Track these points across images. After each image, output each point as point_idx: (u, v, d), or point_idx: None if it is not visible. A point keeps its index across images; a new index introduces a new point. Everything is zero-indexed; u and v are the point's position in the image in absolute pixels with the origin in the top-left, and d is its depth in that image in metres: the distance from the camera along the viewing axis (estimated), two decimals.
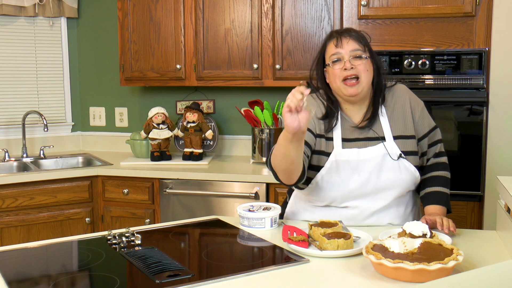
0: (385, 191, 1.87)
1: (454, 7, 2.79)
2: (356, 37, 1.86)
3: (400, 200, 1.92)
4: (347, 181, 1.86)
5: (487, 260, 1.55)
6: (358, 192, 1.87)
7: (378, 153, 1.86)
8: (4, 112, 3.75)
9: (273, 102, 3.48)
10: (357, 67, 1.83)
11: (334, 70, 1.85)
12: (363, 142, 1.89)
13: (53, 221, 3.19)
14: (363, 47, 1.85)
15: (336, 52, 1.85)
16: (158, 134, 3.40)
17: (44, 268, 1.59)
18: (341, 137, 1.89)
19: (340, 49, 1.84)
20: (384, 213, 1.91)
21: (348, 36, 1.86)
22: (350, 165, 1.86)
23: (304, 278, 1.44)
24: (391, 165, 1.86)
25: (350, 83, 1.83)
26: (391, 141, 1.88)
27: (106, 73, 3.96)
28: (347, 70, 1.83)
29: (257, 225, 1.87)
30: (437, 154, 1.99)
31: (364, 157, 1.86)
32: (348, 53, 1.84)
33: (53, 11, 3.77)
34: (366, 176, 1.85)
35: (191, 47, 3.37)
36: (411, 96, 1.97)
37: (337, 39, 1.86)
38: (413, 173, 1.88)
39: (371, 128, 1.90)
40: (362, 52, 1.85)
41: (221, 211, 3.10)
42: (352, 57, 1.83)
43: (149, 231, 1.89)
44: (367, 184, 1.86)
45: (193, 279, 1.41)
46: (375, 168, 1.85)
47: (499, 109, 2.73)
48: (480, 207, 2.80)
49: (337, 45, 1.85)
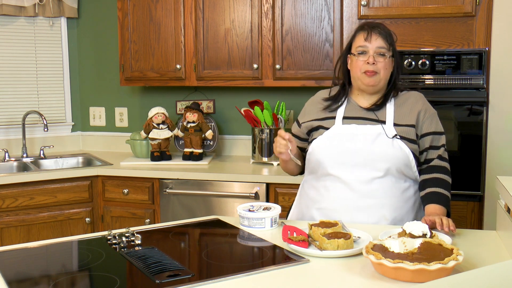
0: (375, 162, 1.94)
1: (454, 7, 2.79)
2: (384, 35, 1.99)
3: (395, 183, 1.95)
4: (339, 147, 1.98)
5: (487, 260, 1.55)
6: (349, 159, 1.95)
7: (374, 131, 1.97)
8: (4, 112, 3.75)
9: (273, 102, 3.48)
10: (378, 64, 1.97)
11: (358, 61, 2.00)
12: (363, 121, 2.00)
13: (53, 221, 3.19)
14: (388, 46, 1.99)
15: (363, 45, 1.99)
16: (158, 134, 3.40)
17: (44, 268, 1.59)
18: (343, 116, 2.03)
19: (368, 43, 1.98)
20: (377, 189, 1.93)
21: (378, 32, 1.99)
22: (345, 137, 1.98)
23: (304, 278, 1.44)
24: (385, 141, 1.95)
25: (369, 74, 1.97)
26: (391, 126, 1.97)
27: (106, 73, 3.96)
28: (369, 64, 1.96)
29: (257, 225, 1.87)
30: (441, 157, 2.01)
31: (360, 132, 1.97)
32: (374, 48, 1.97)
33: (53, 11, 3.77)
34: (358, 145, 1.96)
35: (191, 47, 3.37)
36: (425, 102, 2.07)
37: (368, 33, 1.99)
38: (406, 153, 1.94)
39: (375, 113, 2.01)
40: (386, 51, 1.98)
41: (221, 211, 3.10)
42: (376, 53, 1.97)
43: (149, 231, 1.89)
44: (357, 152, 1.95)
45: (193, 279, 1.41)
46: (368, 141, 1.95)
47: (499, 109, 2.73)
48: (480, 207, 2.80)
49: (366, 38, 1.99)
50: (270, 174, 3.08)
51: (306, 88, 3.24)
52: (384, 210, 1.94)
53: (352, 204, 1.95)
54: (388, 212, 1.94)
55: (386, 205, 1.94)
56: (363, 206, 1.94)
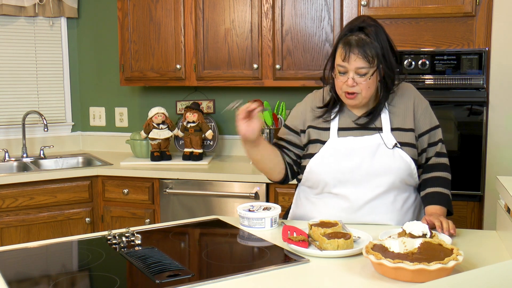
0: (378, 177, 1.88)
1: (454, 7, 2.79)
2: (363, 54, 1.81)
3: (397, 196, 1.93)
4: (340, 164, 1.90)
5: (487, 260, 1.55)
6: (351, 176, 1.89)
7: (373, 142, 1.90)
8: (4, 112, 3.75)
9: (273, 102, 3.48)
10: (360, 85, 1.84)
11: (338, 81, 1.88)
12: (360, 132, 1.93)
13: (53, 221, 3.19)
14: (369, 64, 1.82)
15: (342, 65, 1.85)
16: (158, 134, 3.40)
17: (44, 268, 1.59)
18: (338, 127, 1.95)
19: (347, 63, 1.84)
20: (379, 205, 1.91)
21: (357, 52, 1.82)
22: (344, 152, 1.90)
23: (304, 278, 1.44)
24: (385, 152, 1.89)
25: (349, 96, 1.87)
26: (388, 132, 1.91)
27: (106, 73, 3.96)
28: (349, 86, 1.85)
29: (257, 225, 1.87)
30: (439, 153, 1.98)
31: (359, 145, 1.90)
32: (353, 69, 1.83)
33: (53, 11, 3.77)
34: (358, 161, 1.89)
35: (191, 47, 3.37)
36: (416, 94, 1.99)
37: (345, 53, 1.83)
38: (408, 163, 1.89)
39: (370, 121, 1.94)
40: (368, 69, 1.83)
41: (221, 211, 3.10)
42: (356, 73, 1.84)
43: (149, 231, 1.89)
44: (360, 168, 1.89)
45: (193, 279, 1.41)
46: (368, 154, 1.89)
47: (499, 109, 2.73)
48: (480, 207, 2.80)
49: (344, 59, 1.84)
50: None
51: (306, 88, 3.24)
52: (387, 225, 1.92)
53: (353, 220, 1.92)
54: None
55: (388, 220, 1.92)
56: (366, 224, 1.91)
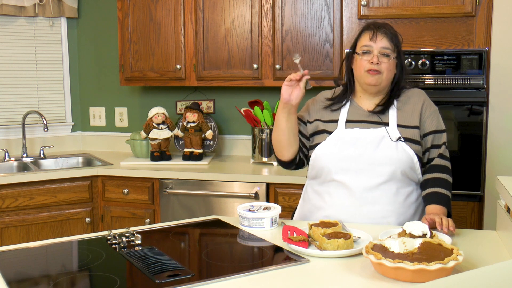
0: (380, 166, 1.92)
1: (454, 7, 2.79)
2: (390, 36, 1.97)
3: (400, 189, 1.94)
4: (343, 152, 1.96)
5: (487, 260, 1.55)
6: (353, 164, 1.94)
7: (378, 134, 1.95)
8: (4, 112, 3.75)
9: (273, 102, 3.48)
10: (382, 64, 1.96)
11: (362, 61, 1.98)
12: (366, 124, 1.99)
13: (53, 221, 3.19)
14: (393, 47, 1.97)
15: (368, 45, 1.97)
16: (158, 134, 3.40)
17: (44, 268, 1.59)
18: (346, 119, 2.02)
19: (373, 43, 1.97)
20: (381, 196, 1.92)
21: (384, 33, 1.97)
22: (348, 141, 1.96)
23: (304, 278, 1.44)
24: (388, 144, 1.94)
25: (372, 72, 1.95)
26: (394, 127, 1.96)
27: (106, 73, 3.96)
28: (373, 64, 1.94)
29: (257, 225, 1.87)
30: (442, 156, 2.00)
31: (364, 136, 1.96)
32: (378, 48, 1.96)
33: (53, 11, 3.77)
34: (362, 150, 1.94)
35: (191, 47, 3.37)
36: (426, 99, 2.06)
37: (373, 32, 1.97)
38: (411, 156, 1.94)
39: (378, 115, 2.00)
40: (391, 52, 1.97)
41: (221, 211, 3.10)
42: (381, 53, 1.96)
43: (149, 231, 1.89)
44: (362, 157, 1.93)
45: (193, 279, 1.41)
46: (372, 145, 1.94)
47: (499, 109, 2.73)
48: (480, 207, 2.80)
49: (372, 38, 1.97)
50: (270, 174, 3.08)
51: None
52: (389, 217, 1.93)
53: (356, 212, 1.94)
54: (392, 219, 1.94)
55: (390, 212, 1.93)
56: (367, 214, 1.93)
